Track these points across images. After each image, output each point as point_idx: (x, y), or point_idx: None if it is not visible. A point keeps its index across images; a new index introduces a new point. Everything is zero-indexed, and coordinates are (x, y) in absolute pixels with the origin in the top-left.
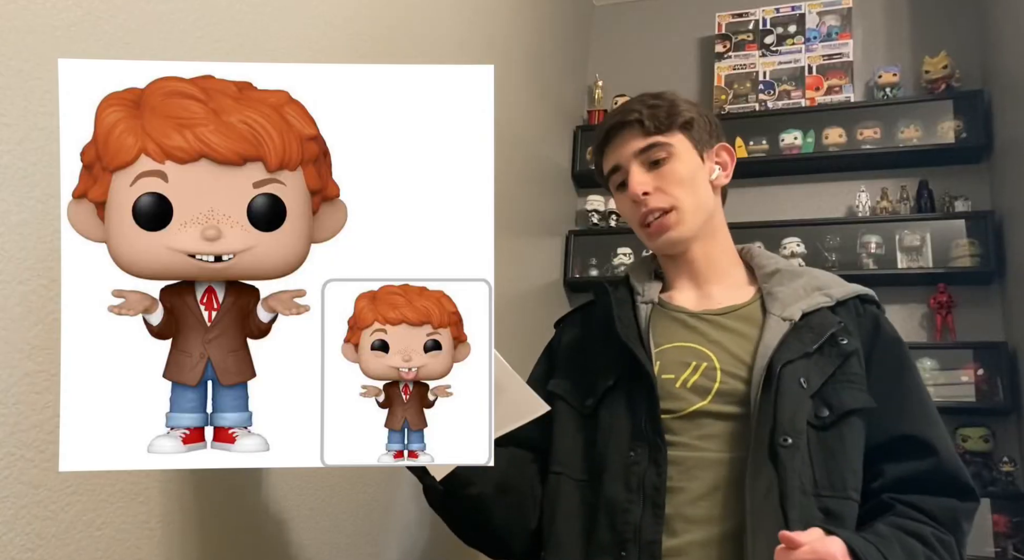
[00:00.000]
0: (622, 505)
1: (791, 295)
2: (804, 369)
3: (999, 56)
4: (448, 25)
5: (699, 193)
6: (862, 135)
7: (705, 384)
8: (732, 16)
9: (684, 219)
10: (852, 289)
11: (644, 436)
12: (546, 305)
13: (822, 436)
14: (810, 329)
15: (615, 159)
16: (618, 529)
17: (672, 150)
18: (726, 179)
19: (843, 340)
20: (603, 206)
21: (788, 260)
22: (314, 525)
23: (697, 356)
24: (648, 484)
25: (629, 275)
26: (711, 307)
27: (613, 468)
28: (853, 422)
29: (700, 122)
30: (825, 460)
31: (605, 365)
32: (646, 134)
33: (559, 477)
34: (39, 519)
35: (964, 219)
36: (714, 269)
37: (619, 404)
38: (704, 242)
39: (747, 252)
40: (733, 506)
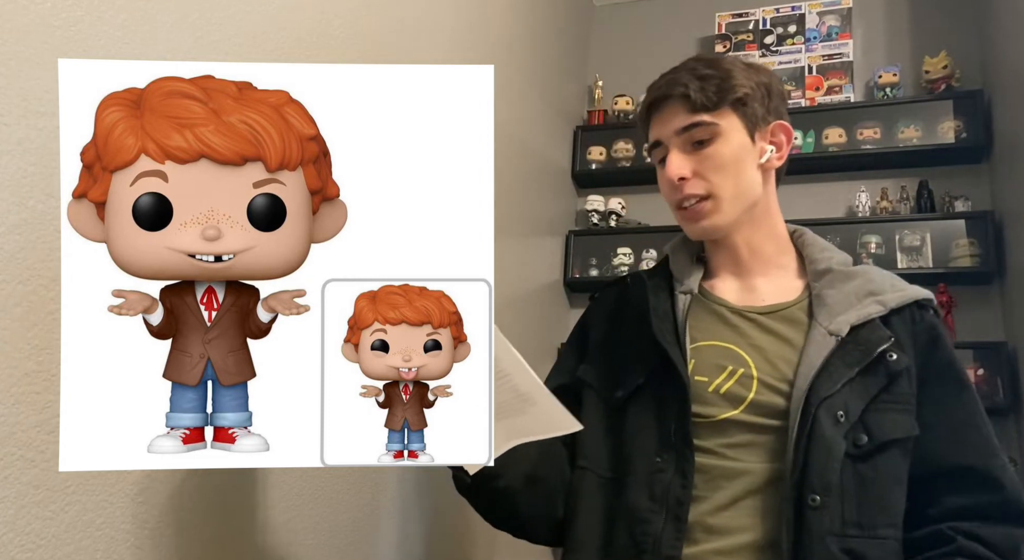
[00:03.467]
0: (643, 515)
1: (841, 302)
2: (844, 399)
3: (999, 56)
4: (448, 25)
5: (743, 178)
6: (862, 135)
7: (739, 392)
8: (732, 16)
9: (721, 208)
10: (909, 294)
11: (671, 444)
12: (546, 305)
13: (857, 467)
14: (857, 345)
15: (657, 133)
16: (637, 538)
17: (717, 131)
18: (779, 161)
19: (893, 357)
20: (603, 206)
21: (843, 256)
22: (314, 525)
23: (734, 360)
24: (672, 496)
25: (669, 257)
26: (754, 303)
27: (637, 473)
28: (892, 453)
29: (756, 97)
30: (857, 494)
31: (638, 358)
32: (691, 111)
33: (584, 472)
34: (39, 519)
35: (964, 219)
36: (758, 258)
37: (649, 404)
38: (746, 230)
39: (799, 237)
40: (759, 519)
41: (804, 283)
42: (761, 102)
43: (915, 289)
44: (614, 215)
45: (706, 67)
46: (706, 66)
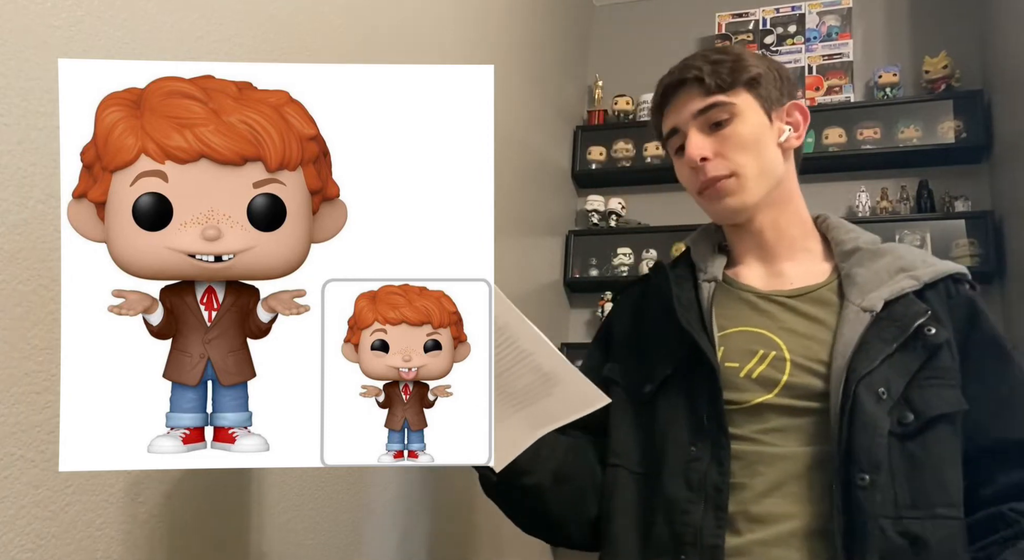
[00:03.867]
0: (682, 505)
1: (872, 279)
2: (884, 376)
3: (999, 56)
4: (448, 25)
5: (765, 157)
6: (862, 135)
7: (772, 375)
8: (732, 16)
9: (746, 186)
10: (942, 268)
11: (706, 431)
12: (546, 305)
13: (905, 446)
14: (893, 321)
15: (673, 121)
16: (677, 530)
17: (735, 110)
18: (797, 141)
19: (931, 330)
20: (603, 206)
21: (871, 235)
22: (314, 525)
23: (764, 343)
24: (710, 484)
25: (690, 248)
26: (782, 287)
27: (672, 464)
28: (941, 428)
29: (769, 78)
30: (908, 474)
31: (664, 350)
32: (706, 93)
33: (616, 469)
34: (39, 519)
35: (964, 219)
36: (784, 241)
37: (679, 395)
38: (772, 211)
39: (823, 222)
40: (800, 504)
41: (832, 265)
42: (774, 84)
43: (948, 264)
44: (614, 215)
45: (716, 53)
46: (716, 52)
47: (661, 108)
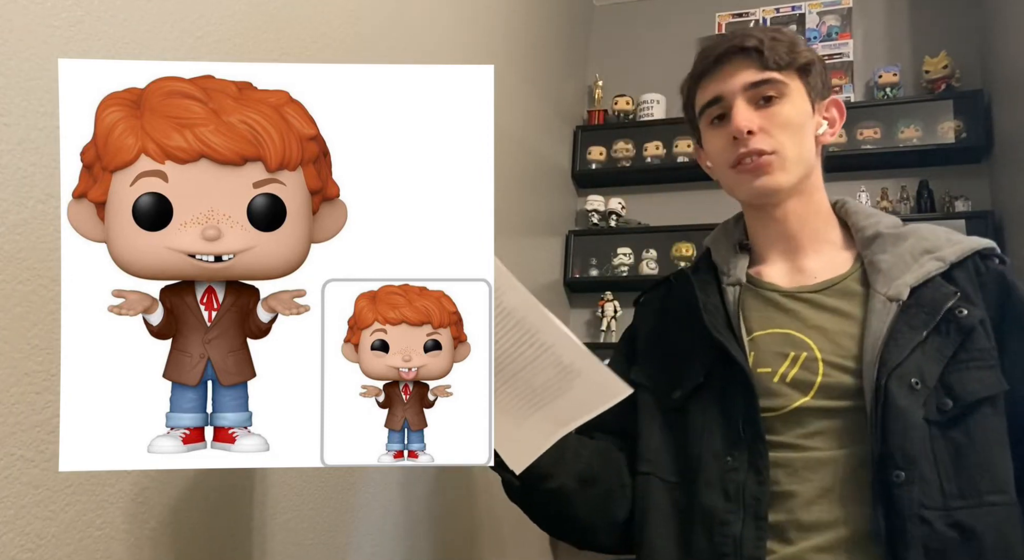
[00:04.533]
0: (721, 516)
1: (897, 265)
2: (916, 365)
3: (999, 56)
4: (448, 25)
5: (804, 144)
6: (862, 135)
7: (806, 377)
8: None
9: (786, 166)
10: (968, 245)
11: (742, 440)
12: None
13: (948, 434)
14: (921, 307)
15: (718, 89)
16: (716, 541)
17: (786, 89)
18: (831, 137)
19: (963, 312)
20: (603, 206)
21: (892, 218)
22: (314, 525)
23: (795, 345)
24: (748, 494)
25: (710, 249)
26: (806, 283)
27: (709, 474)
28: (983, 411)
29: (818, 68)
30: (953, 462)
31: (693, 357)
32: (763, 67)
33: (648, 478)
34: (39, 519)
35: (964, 219)
36: (808, 231)
37: (712, 403)
38: (799, 200)
39: (842, 208)
40: (854, 507)
41: (854, 253)
42: (821, 76)
43: (974, 239)
44: (614, 215)
45: (773, 31)
46: (773, 31)
47: (704, 75)
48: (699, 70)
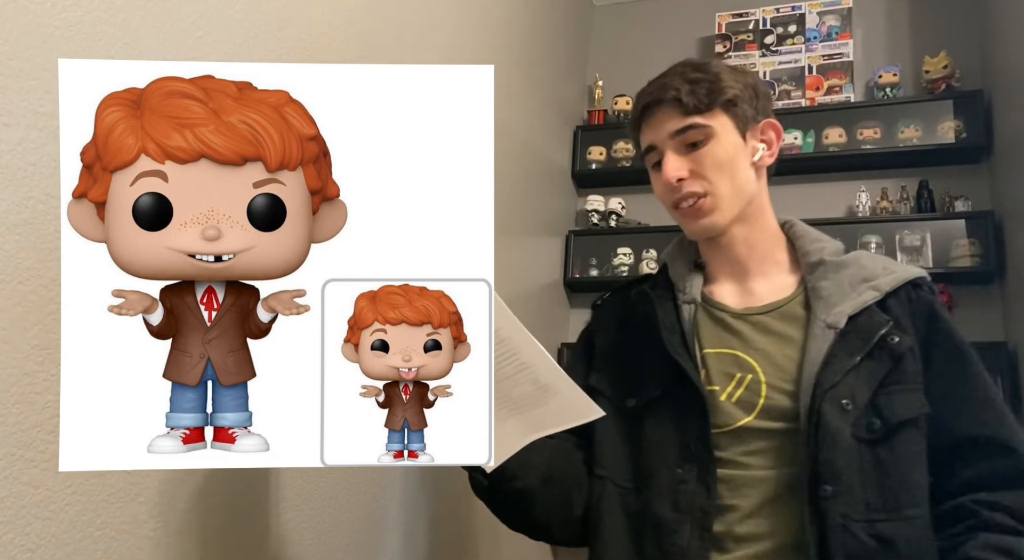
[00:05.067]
0: (670, 526)
1: (837, 293)
2: (849, 388)
3: (999, 56)
4: (448, 25)
5: (738, 177)
6: (862, 135)
7: (750, 399)
8: (732, 16)
9: (719, 206)
10: (901, 275)
11: (693, 455)
12: (546, 305)
13: (874, 451)
14: (857, 334)
15: (651, 138)
16: (665, 549)
17: (711, 132)
18: (770, 159)
19: (894, 339)
20: (603, 206)
21: (834, 245)
22: (314, 525)
23: (741, 367)
24: (696, 507)
25: (668, 266)
26: (753, 304)
27: (660, 484)
28: (907, 432)
29: (745, 97)
30: (879, 479)
31: (651, 370)
32: (684, 114)
33: (604, 481)
34: (39, 519)
35: (964, 219)
36: (756, 255)
37: (666, 417)
38: (744, 227)
39: (791, 229)
40: (782, 522)
41: (799, 277)
42: (750, 103)
43: (908, 269)
44: (614, 215)
45: (694, 71)
46: (694, 70)
47: (639, 124)
48: (633, 118)
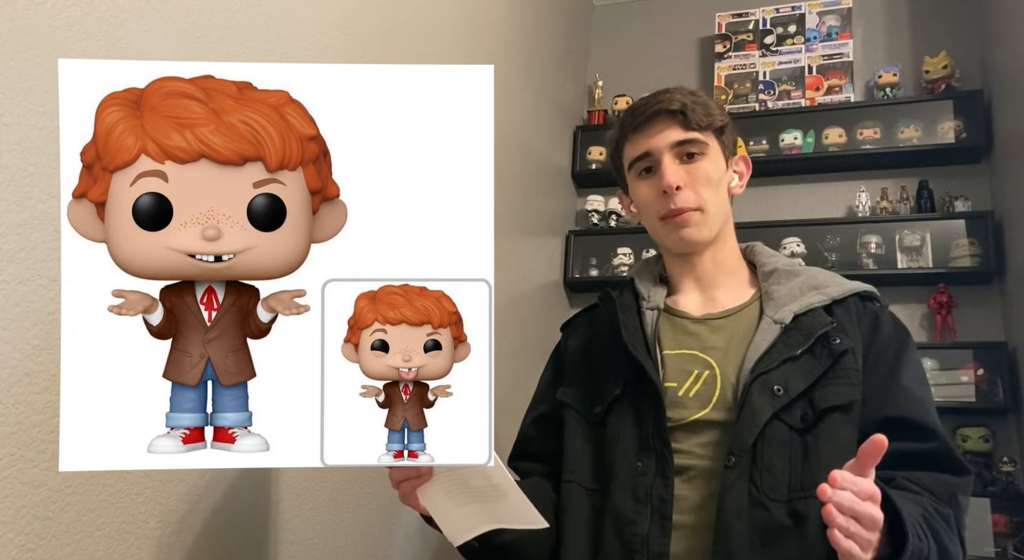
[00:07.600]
0: (630, 517)
1: (786, 295)
2: (783, 376)
3: (999, 56)
4: (448, 25)
5: (721, 196)
6: (862, 135)
7: (708, 393)
8: (732, 16)
9: (707, 221)
10: (850, 287)
11: (651, 446)
12: (546, 305)
13: (804, 439)
14: (800, 331)
15: (647, 145)
16: (626, 540)
17: (707, 148)
18: (740, 190)
19: (835, 340)
20: (603, 206)
21: (790, 259)
22: (314, 525)
23: (699, 364)
24: (655, 496)
25: (634, 279)
26: (713, 311)
27: (620, 478)
28: (836, 419)
29: (729, 129)
30: (802, 461)
31: (612, 373)
32: (687, 127)
33: (571, 485)
34: (39, 519)
35: (964, 219)
36: (721, 272)
37: (626, 413)
38: (714, 248)
39: (750, 251)
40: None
41: (756, 288)
42: (731, 136)
43: (858, 284)
44: (614, 215)
45: (692, 94)
46: (691, 94)
47: (635, 131)
48: (629, 127)
